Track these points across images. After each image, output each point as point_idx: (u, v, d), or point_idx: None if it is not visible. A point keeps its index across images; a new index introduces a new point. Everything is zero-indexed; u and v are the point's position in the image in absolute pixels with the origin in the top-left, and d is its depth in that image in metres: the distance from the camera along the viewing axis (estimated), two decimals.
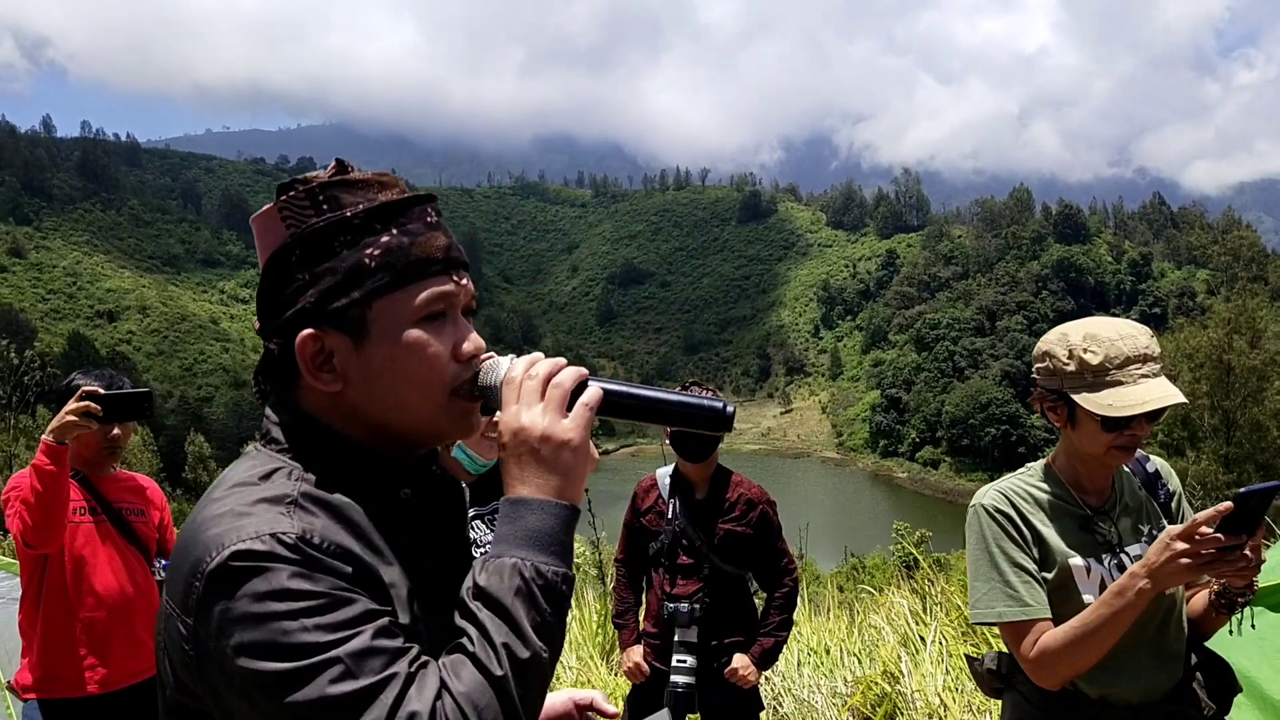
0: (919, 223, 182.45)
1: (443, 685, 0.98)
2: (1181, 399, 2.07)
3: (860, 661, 5.89)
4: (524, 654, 0.99)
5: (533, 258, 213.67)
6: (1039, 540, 2.21)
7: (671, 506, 3.73)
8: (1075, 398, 2.14)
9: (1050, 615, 2.15)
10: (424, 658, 1.01)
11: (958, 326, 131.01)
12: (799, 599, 5.16)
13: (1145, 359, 2.11)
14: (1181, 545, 1.92)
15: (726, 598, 3.71)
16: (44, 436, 3.03)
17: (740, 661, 3.67)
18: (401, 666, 0.98)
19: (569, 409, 1.10)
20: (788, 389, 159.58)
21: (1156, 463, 2.41)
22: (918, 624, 5.90)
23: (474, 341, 1.18)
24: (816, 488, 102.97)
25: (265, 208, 1.18)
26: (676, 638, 3.58)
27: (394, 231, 1.14)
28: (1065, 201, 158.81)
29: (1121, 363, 2.10)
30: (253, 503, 1.07)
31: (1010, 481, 2.32)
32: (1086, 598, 2.15)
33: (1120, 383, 2.10)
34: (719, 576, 3.69)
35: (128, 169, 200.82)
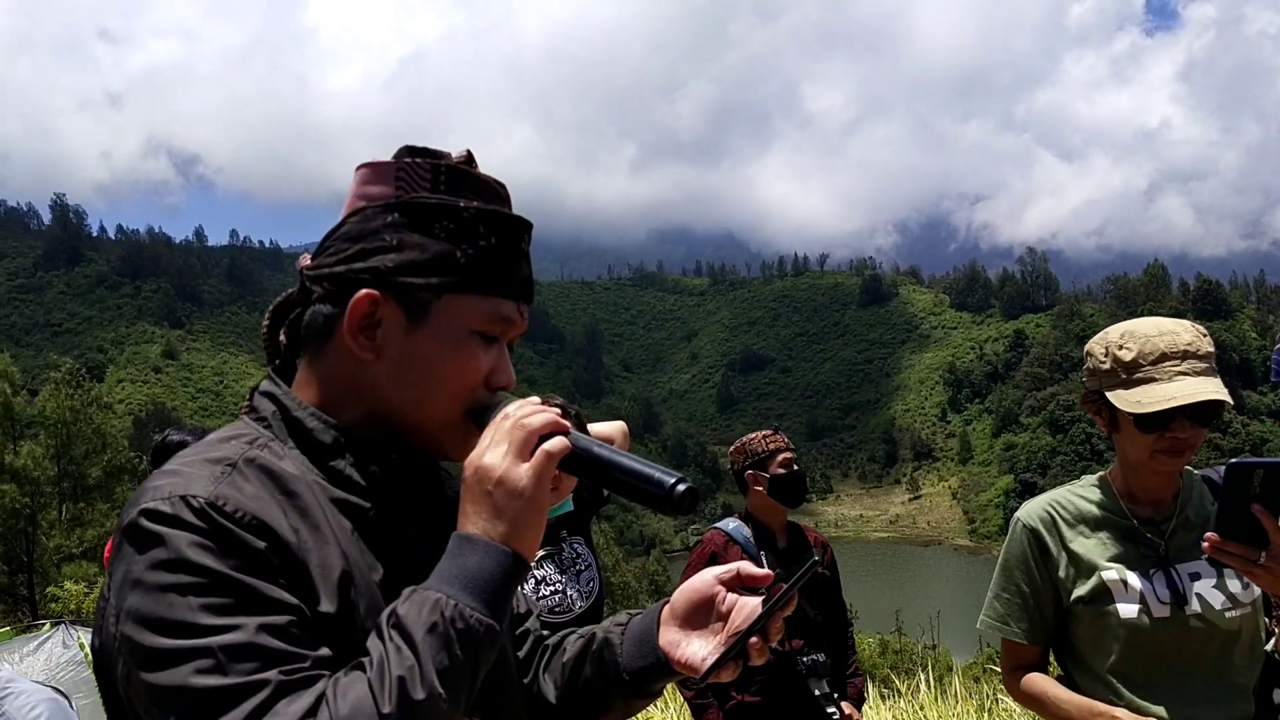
0: (1047, 302, 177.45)
1: (322, 701, 0.90)
2: (1218, 396, 1.95)
3: None
4: (418, 695, 0.91)
5: (652, 346, 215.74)
6: (1072, 555, 2.14)
7: (765, 559, 3.60)
8: (1109, 396, 2.05)
9: (1034, 641, 2.20)
10: (314, 671, 0.94)
11: None
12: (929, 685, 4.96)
13: (1185, 355, 1.99)
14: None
15: (816, 645, 3.63)
16: None
17: (850, 709, 3.60)
18: (274, 674, 0.90)
19: (533, 453, 1.03)
20: (915, 475, 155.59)
21: None
22: None
23: (508, 375, 1.16)
24: (950, 577, 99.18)
25: (380, 160, 1.16)
26: (819, 692, 3.49)
27: (492, 240, 1.13)
28: (1204, 276, 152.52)
29: (1156, 359, 2.00)
30: (193, 461, 1.03)
31: (1058, 493, 2.25)
32: (1122, 609, 2.07)
33: (1153, 379, 2.00)
34: (816, 623, 3.62)
35: (270, 272, 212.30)
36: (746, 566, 1.26)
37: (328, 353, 1.14)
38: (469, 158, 1.17)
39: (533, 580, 2.76)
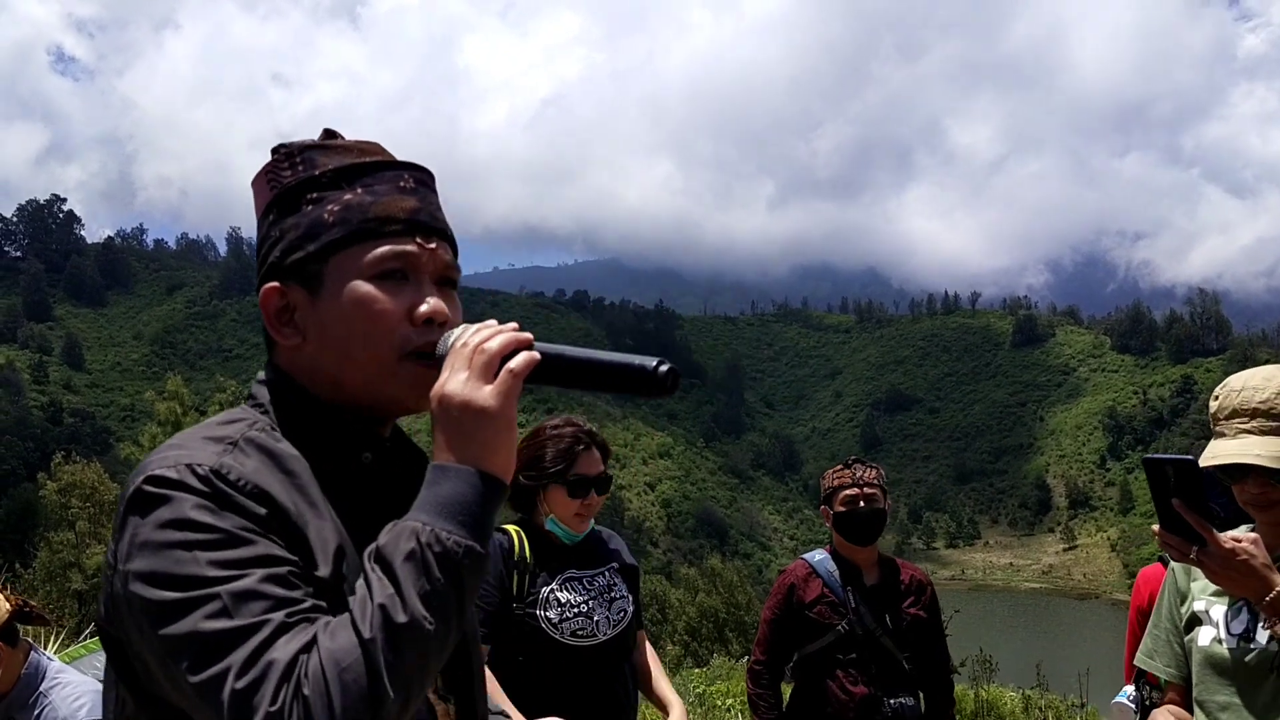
0: (1219, 346, 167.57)
1: (314, 640, 0.93)
2: (1250, 459, 1.93)
3: None
4: (400, 618, 0.92)
5: (795, 383, 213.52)
6: (1191, 591, 2.20)
7: (849, 594, 3.49)
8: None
9: (1175, 678, 2.20)
10: (316, 615, 0.97)
11: None
12: None
13: (1255, 413, 1.98)
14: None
15: (906, 688, 3.51)
16: None
17: None
18: (279, 615, 0.95)
19: (497, 375, 1.04)
20: (1071, 523, 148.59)
21: None
22: None
23: (433, 305, 1.15)
24: (1106, 633, 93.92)
25: (255, 175, 1.21)
26: None
27: (358, 190, 1.15)
28: None
29: (1228, 415, 2.03)
30: (194, 438, 1.08)
31: None
32: (1201, 636, 2.12)
33: (1223, 434, 2.03)
34: (901, 665, 3.49)
35: None
36: None
37: (278, 352, 1.20)
38: (328, 133, 1.21)
39: (557, 605, 2.71)
